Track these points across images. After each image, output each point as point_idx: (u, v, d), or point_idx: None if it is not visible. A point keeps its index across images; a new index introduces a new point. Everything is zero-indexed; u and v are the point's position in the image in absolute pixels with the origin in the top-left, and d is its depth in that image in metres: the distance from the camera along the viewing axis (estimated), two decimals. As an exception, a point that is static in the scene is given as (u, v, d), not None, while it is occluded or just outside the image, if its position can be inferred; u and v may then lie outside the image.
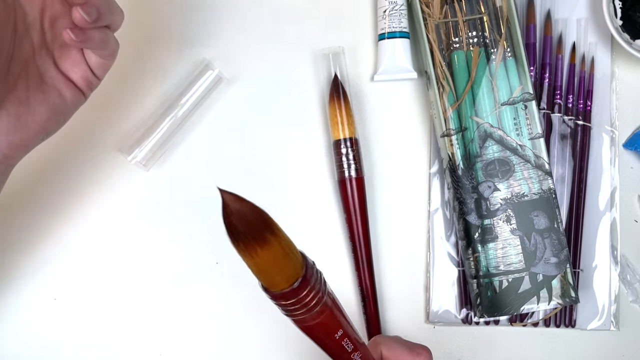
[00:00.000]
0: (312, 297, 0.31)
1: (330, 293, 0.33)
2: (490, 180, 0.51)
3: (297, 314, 0.31)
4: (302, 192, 0.56)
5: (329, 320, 0.33)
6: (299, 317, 0.31)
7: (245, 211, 0.28)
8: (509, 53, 0.52)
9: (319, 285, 0.31)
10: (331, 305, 0.33)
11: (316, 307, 0.31)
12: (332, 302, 0.33)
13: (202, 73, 0.55)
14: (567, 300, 0.51)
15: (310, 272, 0.31)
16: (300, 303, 0.30)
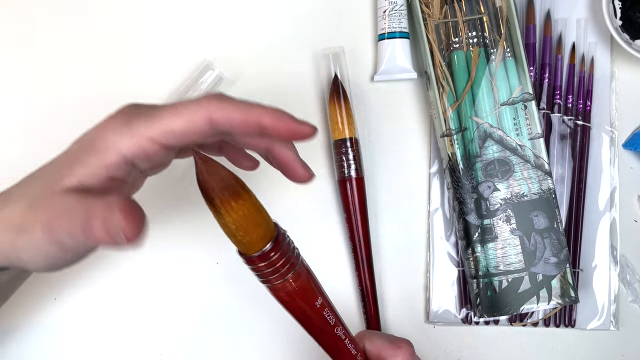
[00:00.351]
0: (285, 261, 0.33)
1: (306, 265, 0.35)
2: (490, 180, 0.51)
3: (272, 279, 0.33)
4: (302, 192, 0.56)
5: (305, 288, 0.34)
6: (275, 283, 0.33)
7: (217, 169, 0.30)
8: (509, 53, 0.52)
9: (291, 252, 0.33)
10: (306, 275, 0.34)
11: (289, 273, 0.33)
12: (307, 272, 0.35)
13: (202, 73, 0.55)
14: (566, 300, 0.51)
15: (282, 237, 0.33)
16: (274, 266, 0.32)
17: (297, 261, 0.34)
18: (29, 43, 0.57)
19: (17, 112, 0.57)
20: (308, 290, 0.35)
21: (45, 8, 0.58)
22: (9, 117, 0.57)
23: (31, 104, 0.57)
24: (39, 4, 0.58)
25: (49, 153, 0.56)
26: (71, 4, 0.58)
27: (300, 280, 0.34)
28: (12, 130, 0.57)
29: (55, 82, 0.57)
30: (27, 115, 0.57)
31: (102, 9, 0.58)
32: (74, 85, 0.57)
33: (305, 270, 0.35)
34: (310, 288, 0.35)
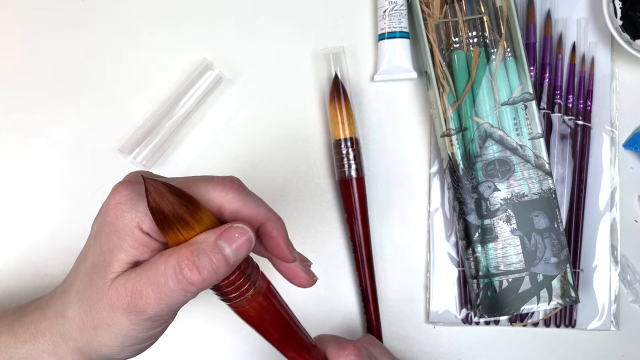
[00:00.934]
0: (243, 281, 0.32)
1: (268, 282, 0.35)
2: (490, 180, 0.51)
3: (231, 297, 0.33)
4: (303, 192, 0.56)
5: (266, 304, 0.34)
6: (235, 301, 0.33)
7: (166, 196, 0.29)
8: (509, 53, 0.52)
9: (250, 270, 0.33)
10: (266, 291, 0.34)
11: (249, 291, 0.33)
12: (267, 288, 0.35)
13: (202, 73, 0.55)
14: (567, 300, 0.51)
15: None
16: (232, 286, 0.32)
17: (257, 277, 0.34)
18: (28, 42, 0.57)
19: (18, 112, 0.57)
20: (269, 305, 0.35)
21: (45, 8, 0.57)
22: (8, 117, 0.57)
23: (31, 104, 0.57)
24: (39, 3, 0.57)
25: (49, 153, 0.56)
26: (71, 4, 0.57)
27: (261, 295, 0.34)
28: (12, 130, 0.57)
29: (55, 82, 0.57)
30: (27, 115, 0.57)
31: (102, 8, 0.58)
32: (73, 85, 0.57)
33: (266, 284, 0.35)
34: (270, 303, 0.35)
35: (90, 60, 0.57)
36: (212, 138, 0.56)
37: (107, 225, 0.31)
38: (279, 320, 0.36)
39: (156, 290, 0.30)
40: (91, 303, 0.32)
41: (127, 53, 0.57)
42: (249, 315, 0.34)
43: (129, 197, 0.31)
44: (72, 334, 0.33)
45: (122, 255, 0.31)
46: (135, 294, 0.30)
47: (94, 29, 0.57)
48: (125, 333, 0.32)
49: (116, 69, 0.57)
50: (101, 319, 0.32)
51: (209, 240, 0.30)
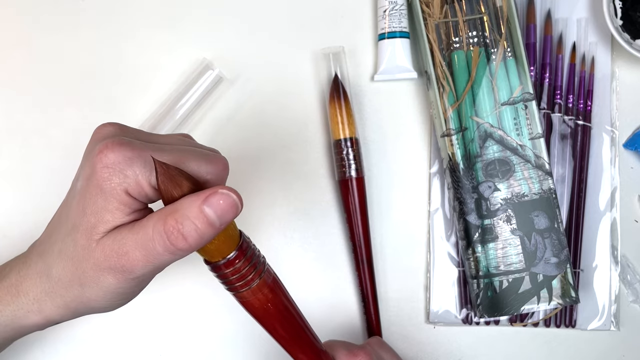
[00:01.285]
0: (251, 267, 0.33)
1: (272, 272, 0.35)
2: (490, 180, 0.51)
3: (237, 286, 0.33)
4: (303, 192, 0.56)
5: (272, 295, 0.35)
6: (241, 290, 0.34)
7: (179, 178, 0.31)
8: (509, 53, 0.52)
9: (257, 258, 0.34)
10: (272, 282, 0.35)
11: (255, 280, 0.33)
12: (274, 280, 0.35)
13: (202, 73, 0.55)
14: (567, 300, 0.51)
15: (246, 243, 0.33)
16: (239, 273, 0.33)
17: (263, 268, 0.34)
18: (28, 42, 0.57)
19: (16, 112, 0.57)
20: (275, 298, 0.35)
21: (45, 8, 0.57)
22: (8, 117, 0.57)
23: (31, 104, 0.57)
24: (39, 3, 0.57)
25: (47, 153, 0.56)
26: (71, 4, 0.57)
27: (266, 287, 0.34)
28: (12, 130, 0.57)
29: (55, 82, 0.57)
30: (27, 115, 0.57)
31: (102, 8, 0.58)
32: (73, 85, 0.57)
33: (272, 277, 0.35)
34: (277, 296, 0.35)
35: (90, 60, 0.57)
36: (212, 138, 0.56)
37: (93, 187, 0.31)
38: (285, 316, 0.36)
39: (144, 253, 0.31)
40: (76, 263, 0.32)
41: (127, 53, 0.57)
42: (254, 307, 0.35)
43: (116, 160, 0.31)
44: (58, 291, 0.34)
45: (108, 217, 0.31)
46: (122, 255, 0.31)
47: (94, 29, 0.57)
48: (113, 290, 0.33)
49: (116, 69, 0.57)
50: (87, 278, 0.32)
51: (193, 206, 0.30)
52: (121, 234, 0.31)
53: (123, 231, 0.31)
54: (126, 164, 0.31)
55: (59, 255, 0.33)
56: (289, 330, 0.37)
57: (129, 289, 0.34)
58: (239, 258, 0.33)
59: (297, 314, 0.37)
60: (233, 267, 0.33)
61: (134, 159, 0.31)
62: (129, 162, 0.31)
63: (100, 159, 0.31)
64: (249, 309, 0.35)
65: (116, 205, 0.31)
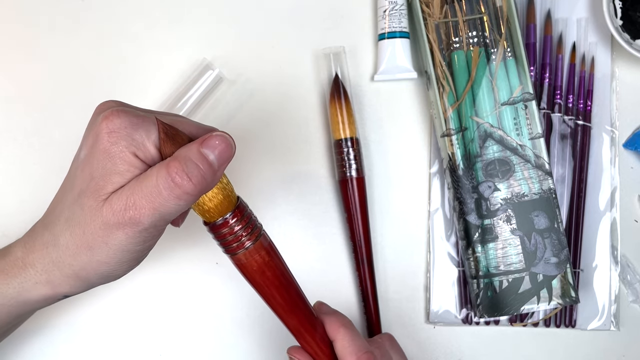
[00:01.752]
0: (246, 230, 0.35)
1: (268, 238, 0.37)
2: (490, 180, 0.51)
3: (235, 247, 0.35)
4: (303, 192, 0.56)
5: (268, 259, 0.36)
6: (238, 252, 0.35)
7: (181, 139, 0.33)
8: (509, 53, 0.52)
9: (253, 222, 0.35)
10: (268, 246, 0.36)
11: (251, 241, 0.35)
12: (270, 245, 0.36)
13: (202, 73, 0.55)
14: (567, 300, 0.51)
15: (243, 205, 0.35)
16: (235, 234, 0.35)
17: (259, 232, 0.36)
18: (28, 42, 0.57)
19: (16, 112, 0.57)
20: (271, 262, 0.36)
21: (45, 8, 0.57)
22: (8, 117, 0.57)
23: (31, 104, 0.57)
24: (39, 3, 0.57)
25: (47, 153, 0.56)
26: (71, 4, 0.57)
27: (263, 249, 0.36)
28: (12, 130, 0.57)
29: (55, 82, 0.57)
30: (27, 116, 0.57)
31: (102, 8, 0.58)
32: (73, 85, 0.57)
33: (268, 242, 0.36)
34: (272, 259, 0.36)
35: (90, 60, 0.57)
36: (212, 138, 0.56)
37: (100, 152, 0.32)
38: (282, 281, 0.37)
39: (150, 200, 0.31)
40: (84, 226, 0.32)
41: (127, 53, 0.57)
42: (251, 269, 0.36)
43: (122, 125, 0.32)
44: (66, 260, 0.34)
45: (116, 178, 0.32)
46: (130, 207, 0.31)
47: (93, 29, 0.57)
48: (123, 247, 0.33)
49: (116, 69, 0.57)
50: (97, 239, 0.32)
51: (193, 149, 0.32)
52: (127, 187, 0.32)
53: (129, 184, 0.32)
54: (132, 128, 0.32)
55: (66, 223, 0.33)
56: (284, 296, 0.37)
57: (139, 244, 0.33)
58: (235, 217, 0.34)
59: (293, 281, 0.38)
60: (229, 226, 0.34)
61: (139, 124, 0.32)
62: (135, 127, 0.32)
63: (106, 125, 0.32)
64: (246, 272, 0.36)
65: (126, 167, 0.32)
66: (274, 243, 0.37)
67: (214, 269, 0.55)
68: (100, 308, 0.55)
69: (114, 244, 0.32)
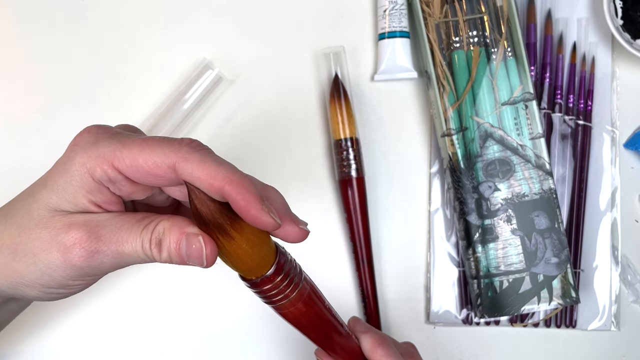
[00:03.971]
0: (289, 281, 0.32)
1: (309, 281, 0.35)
2: (490, 180, 0.51)
3: (275, 300, 0.33)
4: (303, 192, 0.56)
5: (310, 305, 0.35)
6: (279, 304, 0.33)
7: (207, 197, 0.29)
8: (510, 53, 0.52)
9: (294, 270, 0.33)
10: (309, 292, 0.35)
11: (294, 292, 0.33)
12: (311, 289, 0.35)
13: (202, 73, 0.55)
14: (567, 300, 0.51)
15: (284, 258, 0.32)
16: (278, 288, 0.32)
17: (299, 281, 0.33)
18: (28, 42, 0.57)
19: (16, 112, 0.57)
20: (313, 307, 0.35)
21: (45, 8, 0.57)
22: (8, 117, 0.57)
23: (31, 104, 0.57)
24: (39, 3, 0.57)
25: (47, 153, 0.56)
26: (71, 4, 0.57)
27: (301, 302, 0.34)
28: (12, 130, 0.57)
29: (55, 82, 0.57)
30: (26, 115, 0.57)
31: (102, 9, 0.58)
32: (73, 85, 0.57)
33: (308, 291, 0.34)
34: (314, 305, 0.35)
35: (90, 60, 0.57)
36: (212, 138, 0.56)
37: (58, 165, 0.30)
38: (317, 325, 0.36)
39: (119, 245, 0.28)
40: (22, 229, 0.29)
41: (127, 53, 0.57)
42: (291, 316, 0.35)
43: (86, 140, 0.29)
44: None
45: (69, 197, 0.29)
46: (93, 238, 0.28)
47: (93, 29, 0.57)
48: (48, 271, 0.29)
49: (116, 69, 0.57)
50: (28, 246, 0.29)
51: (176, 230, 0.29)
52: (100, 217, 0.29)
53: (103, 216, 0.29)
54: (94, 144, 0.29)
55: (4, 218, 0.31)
56: (320, 335, 0.38)
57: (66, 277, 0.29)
58: (276, 275, 0.32)
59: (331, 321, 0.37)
60: (271, 284, 0.32)
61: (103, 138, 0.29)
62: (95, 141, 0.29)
63: (73, 139, 0.30)
64: (287, 318, 0.35)
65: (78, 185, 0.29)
66: (314, 284, 0.36)
67: (214, 268, 0.55)
68: (100, 308, 0.55)
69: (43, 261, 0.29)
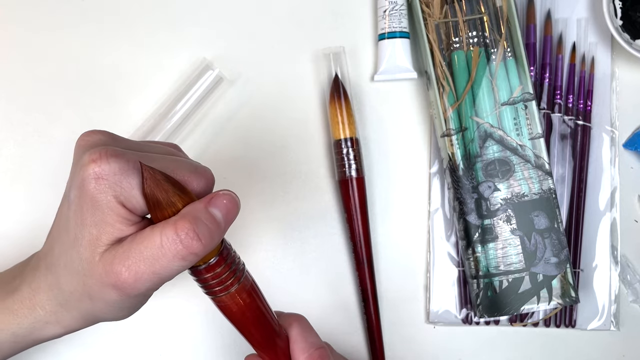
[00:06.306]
0: (229, 275, 0.33)
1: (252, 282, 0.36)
2: (490, 180, 0.51)
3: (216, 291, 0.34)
4: (303, 192, 0.56)
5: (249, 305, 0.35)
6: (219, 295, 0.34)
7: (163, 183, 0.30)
8: (509, 53, 0.52)
9: (235, 266, 0.34)
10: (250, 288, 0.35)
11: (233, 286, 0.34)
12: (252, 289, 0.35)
13: (202, 73, 0.55)
14: (567, 300, 0.51)
15: (227, 253, 0.33)
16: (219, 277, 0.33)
17: (242, 274, 0.34)
18: (28, 42, 0.57)
19: (16, 112, 0.57)
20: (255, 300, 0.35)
21: (45, 8, 0.57)
22: (8, 117, 0.57)
23: (31, 104, 0.57)
24: (39, 4, 0.57)
25: (47, 153, 0.56)
26: (71, 4, 0.57)
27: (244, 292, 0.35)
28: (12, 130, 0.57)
29: (55, 82, 0.57)
30: (26, 115, 0.57)
31: (101, 9, 0.58)
32: (73, 85, 0.57)
33: (250, 284, 0.35)
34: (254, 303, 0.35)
35: (90, 60, 0.57)
36: (212, 138, 0.56)
37: (88, 199, 0.30)
38: (260, 320, 0.36)
39: (150, 264, 0.30)
40: (83, 277, 0.32)
41: (127, 53, 0.57)
42: (231, 311, 0.35)
43: (111, 172, 0.30)
44: (72, 304, 0.34)
45: (108, 229, 0.31)
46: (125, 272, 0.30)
47: (93, 29, 0.57)
48: (117, 305, 0.33)
49: (116, 69, 0.57)
50: (94, 292, 0.32)
51: (200, 208, 0.30)
52: (123, 248, 0.30)
53: (125, 245, 0.31)
54: (122, 175, 0.30)
55: (65, 269, 0.33)
56: (262, 333, 0.37)
57: (133, 303, 0.34)
58: (219, 264, 0.33)
59: (272, 319, 0.37)
60: (213, 272, 0.33)
61: (129, 171, 0.30)
62: (125, 174, 0.30)
63: (93, 170, 0.30)
64: (226, 312, 0.35)
65: (115, 218, 0.30)
66: (254, 281, 0.36)
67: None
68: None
69: (109, 300, 0.32)
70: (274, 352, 0.38)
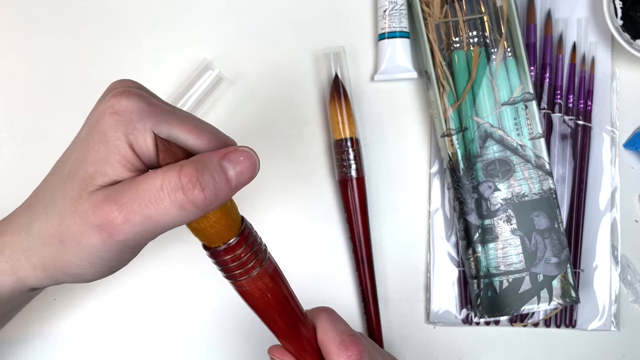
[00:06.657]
0: (250, 257, 0.31)
1: (273, 261, 0.33)
2: (490, 180, 0.51)
3: (237, 274, 0.32)
4: (303, 192, 0.56)
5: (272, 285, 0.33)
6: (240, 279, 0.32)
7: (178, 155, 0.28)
8: (510, 53, 0.52)
9: (257, 247, 0.32)
10: (273, 272, 0.33)
11: (255, 268, 0.32)
12: (275, 270, 0.33)
13: (202, 73, 0.55)
14: (567, 300, 0.51)
15: (249, 229, 0.31)
16: (240, 260, 0.31)
17: (264, 256, 0.32)
18: (28, 42, 0.57)
19: (16, 112, 0.57)
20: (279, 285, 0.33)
21: (45, 8, 0.57)
22: (8, 117, 0.57)
23: (31, 104, 0.57)
24: (39, 4, 0.57)
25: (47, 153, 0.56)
26: (71, 4, 0.57)
27: (267, 276, 0.32)
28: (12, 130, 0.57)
29: (55, 83, 0.57)
30: (26, 116, 0.57)
31: (101, 9, 0.58)
32: (73, 85, 0.57)
33: (273, 267, 0.33)
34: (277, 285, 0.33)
35: (90, 60, 0.57)
36: (212, 138, 0.56)
37: (97, 134, 0.28)
38: (284, 306, 0.34)
39: (145, 206, 0.27)
40: (62, 217, 0.29)
41: (127, 53, 0.57)
42: (253, 296, 0.33)
43: (129, 109, 0.28)
44: (36, 249, 0.30)
45: (107, 169, 0.28)
46: (115, 211, 0.27)
47: (93, 29, 0.57)
48: (95, 253, 0.29)
49: (116, 69, 0.57)
50: (70, 234, 0.28)
51: (212, 159, 0.28)
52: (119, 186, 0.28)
53: (122, 184, 0.28)
54: (138, 115, 0.28)
55: (45, 209, 0.30)
56: (287, 320, 0.35)
57: (114, 255, 0.29)
58: (240, 244, 0.31)
59: (297, 306, 0.35)
60: (233, 253, 0.31)
61: (148, 113, 0.28)
62: (142, 115, 0.28)
63: (112, 104, 0.28)
64: (248, 298, 0.33)
65: (117, 158, 0.28)
66: (278, 265, 0.34)
67: (213, 269, 0.55)
68: (100, 307, 0.55)
69: (87, 246, 0.28)
70: (299, 342, 0.36)
